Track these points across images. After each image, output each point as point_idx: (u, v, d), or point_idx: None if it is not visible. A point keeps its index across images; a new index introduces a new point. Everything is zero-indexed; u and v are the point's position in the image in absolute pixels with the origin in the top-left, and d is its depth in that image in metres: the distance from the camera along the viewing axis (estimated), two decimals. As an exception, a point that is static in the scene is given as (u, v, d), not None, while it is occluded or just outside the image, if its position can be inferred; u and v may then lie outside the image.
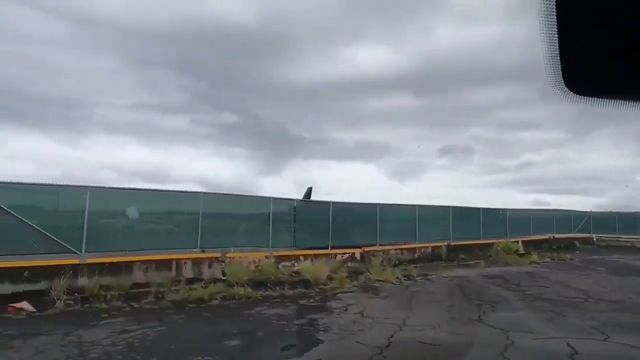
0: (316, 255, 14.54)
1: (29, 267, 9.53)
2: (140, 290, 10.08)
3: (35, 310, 8.14)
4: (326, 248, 15.11)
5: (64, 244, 10.06)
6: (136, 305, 8.84)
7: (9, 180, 9.65)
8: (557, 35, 0.97)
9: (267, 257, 13.35)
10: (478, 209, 21.90)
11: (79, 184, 10.52)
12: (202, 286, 10.56)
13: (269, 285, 11.40)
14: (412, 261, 16.88)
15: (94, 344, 6.21)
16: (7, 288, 9.17)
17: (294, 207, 14.81)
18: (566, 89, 1.01)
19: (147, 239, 11.42)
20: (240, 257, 12.81)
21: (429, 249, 18.82)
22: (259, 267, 12.92)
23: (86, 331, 6.90)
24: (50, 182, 10.27)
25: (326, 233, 15.27)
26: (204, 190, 12.75)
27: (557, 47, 0.97)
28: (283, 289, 10.99)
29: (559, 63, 0.99)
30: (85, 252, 10.32)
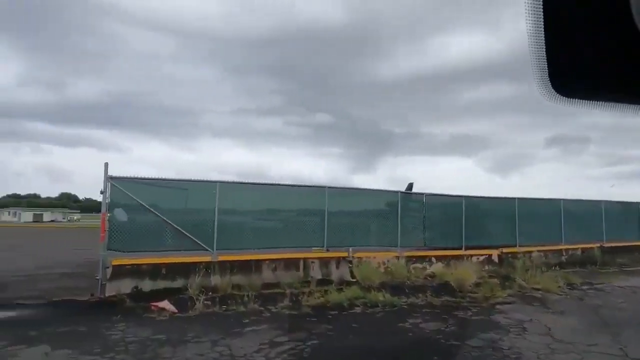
0: (448, 256, 12.81)
1: (167, 264, 9.34)
2: (272, 291, 9.37)
3: (176, 310, 7.74)
4: (459, 249, 13.27)
5: (197, 240, 9.75)
6: (274, 309, 8.05)
7: (142, 176, 9.56)
8: (543, 37, 0.96)
9: (396, 257, 11.99)
10: (638, 203, 18.11)
11: (208, 179, 10.16)
12: (335, 289, 9.55)
13: (406, 290, 10.01)
14: (560, 265, 14.20)
15: (247, 358, 5.39)
16: (147, 284, 9.03)
17: (423, 202, 13.21)
18: (553, 90, 1.01)
19: (273, 236, 10.75)
20: (368, 257, 11.62)
21: (578, 251, 15.86)
22: (389, 269, 11.61)
23: (233, 340, 6.16)
24: (179, 178, 10.03)
25: (458, 231, 13.42)
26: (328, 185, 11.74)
27: (544, 48, 0.97)
28: (426, 295, 9.52)
29: (546, 64, 0.98)
30: (216, 249, 9.93)
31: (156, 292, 8.77)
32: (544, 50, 0.96)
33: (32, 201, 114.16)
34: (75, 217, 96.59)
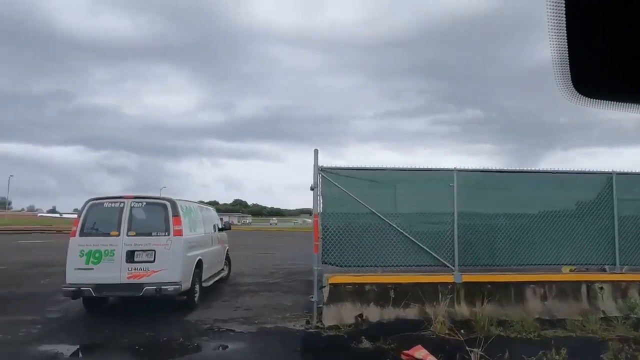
0: None
1: (395, 284, 6.83)
2: (555, 333, 6.02)
3: (439, 364, 5.04)
4: None
5: (433, 253, 7.03)
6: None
7: (359, 166, 7.28)
8: (566, 38, 0.96)
9: None
10: None
11: (442, 167, 7.38)
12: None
13: None
14: None
15: None
16: (373, 312, 6.64)
17: None
18: (575, 91, 1.00)
19: (537, 247, 7.34)
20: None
21: None
22: None
23: None
24: (411, 167, 7.45)
25: None
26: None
27: (566, 49, 0.96)
28: None
29: (568, 65, 0.98)
30: (458, 265, 7.05)
31: (388, 326, 6.30)
32: (567, 50, 0.97)
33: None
34: (247, 221, 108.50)
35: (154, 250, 6.81)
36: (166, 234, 6.91)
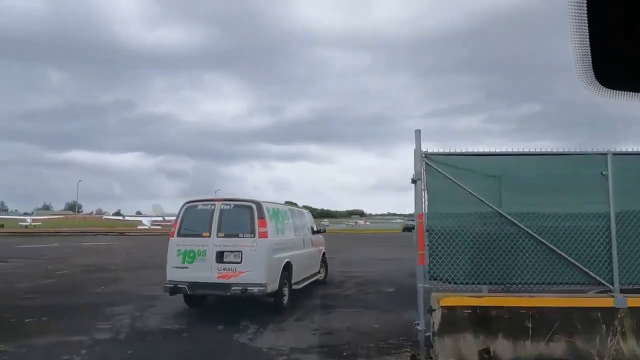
0: None
1: (532, 309, 5.06)
2: None
3: None
4: None
5: (583, 267, 5.17)
6: None
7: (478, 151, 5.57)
8: (587, 29, 0.96)
9: None
10: None
11: (593, 151, 5.46)
12: None
13: None
14: None
15: None
16: (505, 347, 4.89)
17: None
18: (596, 81, 1.01)
19: None
20: None
21: None
22: None
23: None
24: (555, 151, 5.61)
25: None
26: None
27: (588, 40, 0.97)
28: None
29: (590, 56, 0.98)
30: (619, 284, 5.13)
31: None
32: (588, 41, 0.97)
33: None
34: (324, 223, 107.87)
35: (241, 252, 6.92)
36: (251, 235, 6.99)
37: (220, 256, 6.96)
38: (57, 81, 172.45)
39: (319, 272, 10.22)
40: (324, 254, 10.87)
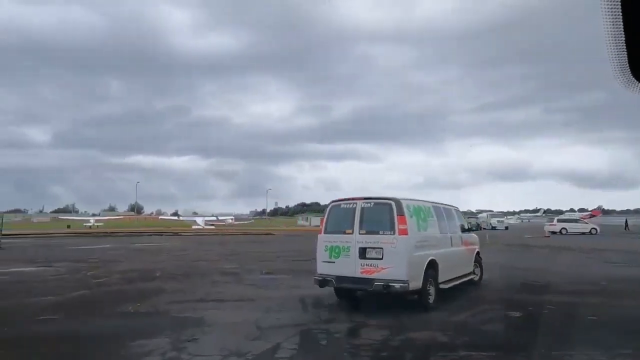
0: None
1: None
2: None
3: None
4: None
5: None
6: None
7: None
8: (622, 24, 0.94)
9: None
10: None
11: None
12: None
13: None
14: None
15: None
16: None
17: None
18: (633, 78, 1.00)
19: None
20: None
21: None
22: None
23: None
24: None
25: None
26: None
27: (623, 35, 0.96)
28: None
29: (626, 53, 0.97)
30: None
31: None
32: (623, 38, 0.96)
33: (314, 208, 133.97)
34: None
35: (382, 248, 7.08)
36: (391, 232, 7.09)
37: (362, 252, 7.20)
38: (117, 90, 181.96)
39: (472, 272, 9.68)
40: (478, 253, 10.23)
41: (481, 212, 74.43)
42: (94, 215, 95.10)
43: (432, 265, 7.46)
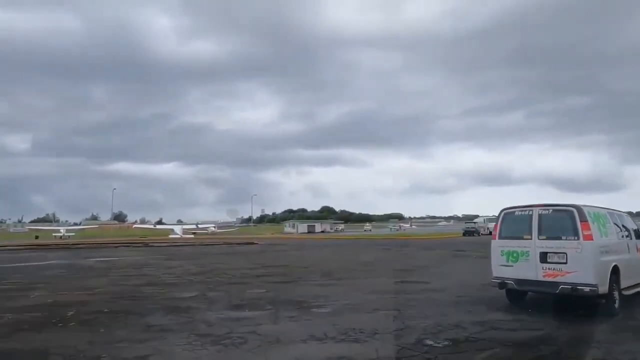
0: None
1: None
2: None
3: None
4: None
5: None
6: None
7: None
8: None
9: None
10: None
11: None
12: None
13: None
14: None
15: None
16: None
17: None
18: None
19: None
20: None
21: None
22: None
23: None
24: None
25: None
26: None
27: None
28: None
29: None
30: None
31: None
32: None
33: (301, 214, 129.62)
34: (339, 228, 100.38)
35: (565, 253, 7.16)
36: (575, 238, 7.16)
37: (543, 257, 7.34)
38: (101, 97, 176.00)
39: None
40: None
41: (476, 217, 71.47)
42: (75, 224, 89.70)
43: (615, 271, 7.46)
